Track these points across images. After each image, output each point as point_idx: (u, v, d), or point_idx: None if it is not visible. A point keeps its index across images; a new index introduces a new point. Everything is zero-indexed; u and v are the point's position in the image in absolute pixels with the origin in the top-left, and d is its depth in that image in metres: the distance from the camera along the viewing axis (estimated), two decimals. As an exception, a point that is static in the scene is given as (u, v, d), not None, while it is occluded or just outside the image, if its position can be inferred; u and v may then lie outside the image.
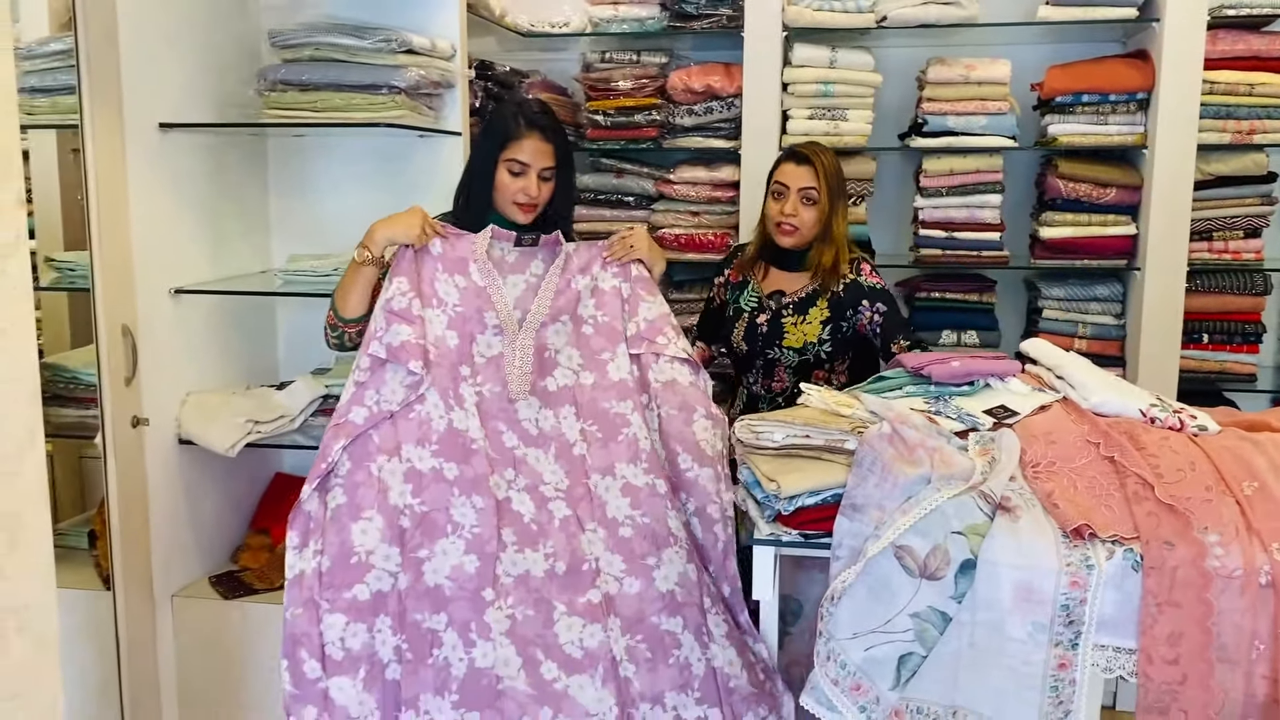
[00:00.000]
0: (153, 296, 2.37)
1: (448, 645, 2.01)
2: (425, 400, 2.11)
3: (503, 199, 2.22)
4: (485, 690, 2.00)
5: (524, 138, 2.19)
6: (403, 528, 2.05)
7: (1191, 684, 1.75)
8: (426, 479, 2.07)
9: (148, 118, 2.33)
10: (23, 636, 1.49)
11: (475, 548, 2.05)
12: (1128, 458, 1.92)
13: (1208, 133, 3.09)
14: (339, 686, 2.00)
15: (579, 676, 2.04)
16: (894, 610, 1.81)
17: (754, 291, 2.74)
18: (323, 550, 2.04)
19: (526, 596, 2.06)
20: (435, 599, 2.02)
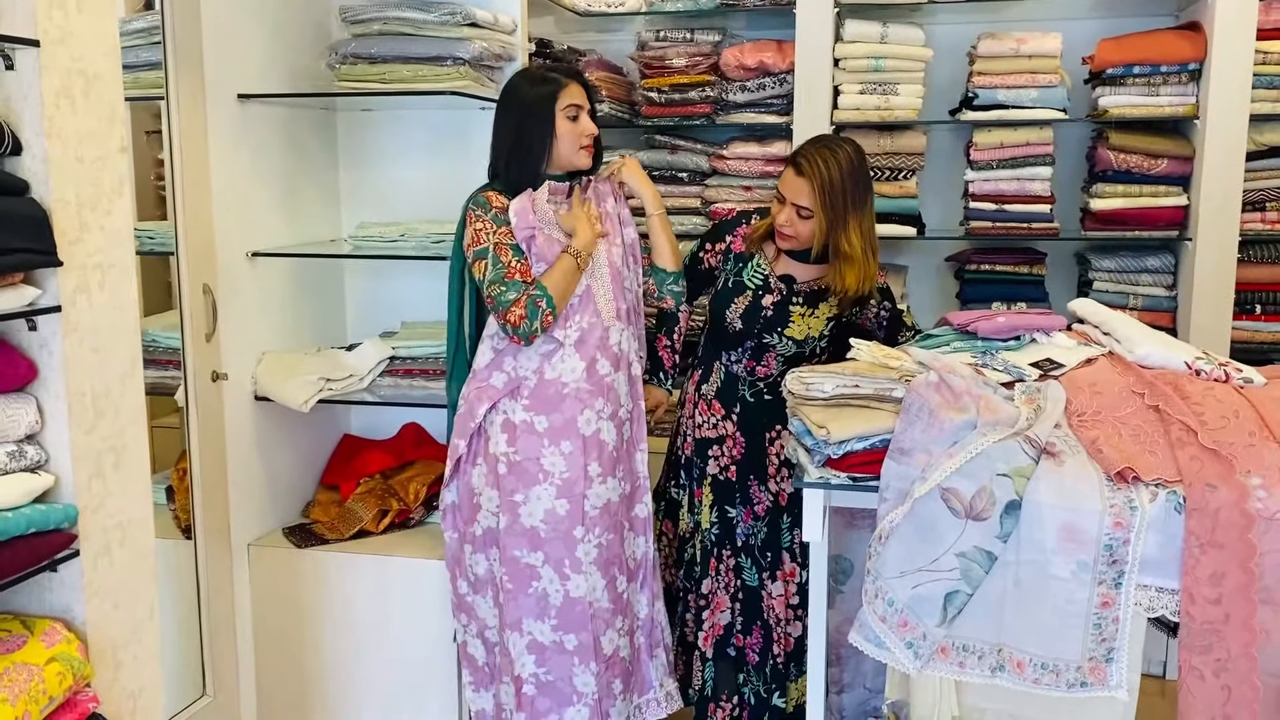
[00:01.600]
0: (231, 259, 2.49)
1: (544, 579, 2.35)
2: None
3: (568, 148, 2.36)
4: (579, 615, 2.35)
5: (568, 84, 2.36)
6: (500, 474, 2.32)
7: (1234, 623, 1.80)
8: (519, 430, 2.33)
9: (227, 89, 2.45)
10: (125, 549, 1.62)
11: (565, 492, 2.34)
12: (1172, 405, 1.96)
13: (1260, 103, 3.10)
14: (479, 604, 2.44)
15: (634, 584, 2.46)
16: (940, 550, 1.87)
17: (760, 269, 2.63)
18: (457, 490, 2.40)
19: (608, 522, 2.38)
20: (532, 539, 2.33)
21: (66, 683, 1.46)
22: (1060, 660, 1.87)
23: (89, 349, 1.53)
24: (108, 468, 1.58)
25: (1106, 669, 1.86)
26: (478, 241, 2.30)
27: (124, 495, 1.61)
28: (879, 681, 2.79)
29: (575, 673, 2.37)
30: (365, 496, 2.74)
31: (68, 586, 1.54)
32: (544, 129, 2.33)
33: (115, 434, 1.59)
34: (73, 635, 1.53)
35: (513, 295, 2.24)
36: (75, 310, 1.50)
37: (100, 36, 1.52)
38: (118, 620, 1.61)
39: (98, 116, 1.53)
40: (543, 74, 2.39)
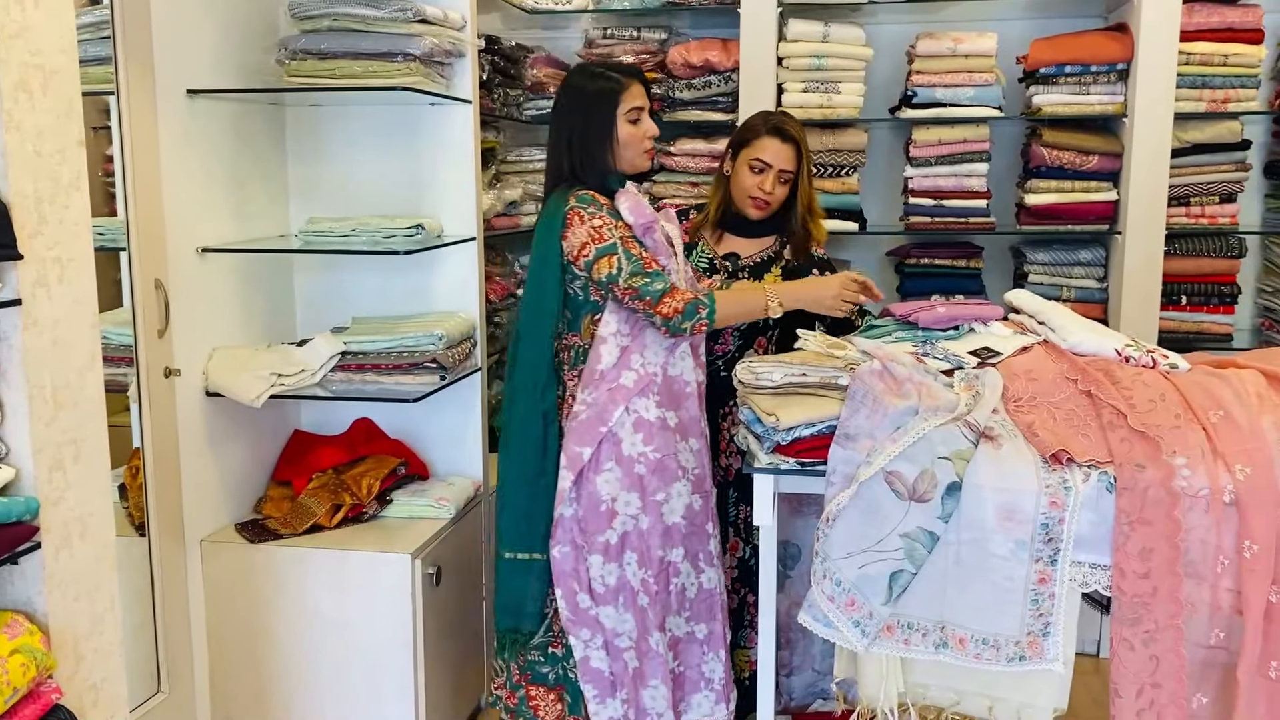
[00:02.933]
0: (181, 255, 2.49)
1: (683, 574, 2.42)
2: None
3: (632, 151, 2.38)
4: (710, 606, 2.45)
5: (630, 85, 2.36)
6: (639, 475, 2.32)
7: (1161, 596, 1.89)
8: (654, 428, 2.34)
9: (177, 84, 2.44)
10: (85, 541, 1.63)
11: (698, 488, 2.42)
12: (1103, 391, 2.05)
13: (1184, 102, 3.23)
14: (605, 614, 2.38)
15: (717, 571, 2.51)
16: (885, 530, 1.95)
17: (704, 253, 2.76)
18: (578, 499, 2.33)
19: (717, 518, 2.50)
20: (673, 536, 2.38)
21: (30, 674, 1.47)
22: (1000, 635, 1.95)
23: (49, 342, 1.54)
24: (68, 460, 1.58)
25: (1044, 643, 1.94)
26: (600, 238, 2.27)
27: (84, 488, 1.62)
28: (827, 663, 2.86)
29: (705, 660, 2.45)
30: (318, 491, 2.75)
31: (28, 579, 1.54)
32: (606, 132, 2.34)
33: (75, 426, 1.60)
34: (34, 627, 1.53)
35: (660, 285, 2.25)
36: (35, 303, 1.51)
37: (58, 31, 1.52)
38: (79, 612, 1.62)
39: (55, 111, 1.54)
40: (602, 73, 2.38)
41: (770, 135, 2.67)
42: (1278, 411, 1.97)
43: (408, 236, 2.65)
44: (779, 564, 2.52)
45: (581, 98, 2.37)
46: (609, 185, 2.38)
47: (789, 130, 2.67)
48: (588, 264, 2.28)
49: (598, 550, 2.35)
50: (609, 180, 2.38)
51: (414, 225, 2.67)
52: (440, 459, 3.02)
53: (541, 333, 2.37)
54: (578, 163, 2.36)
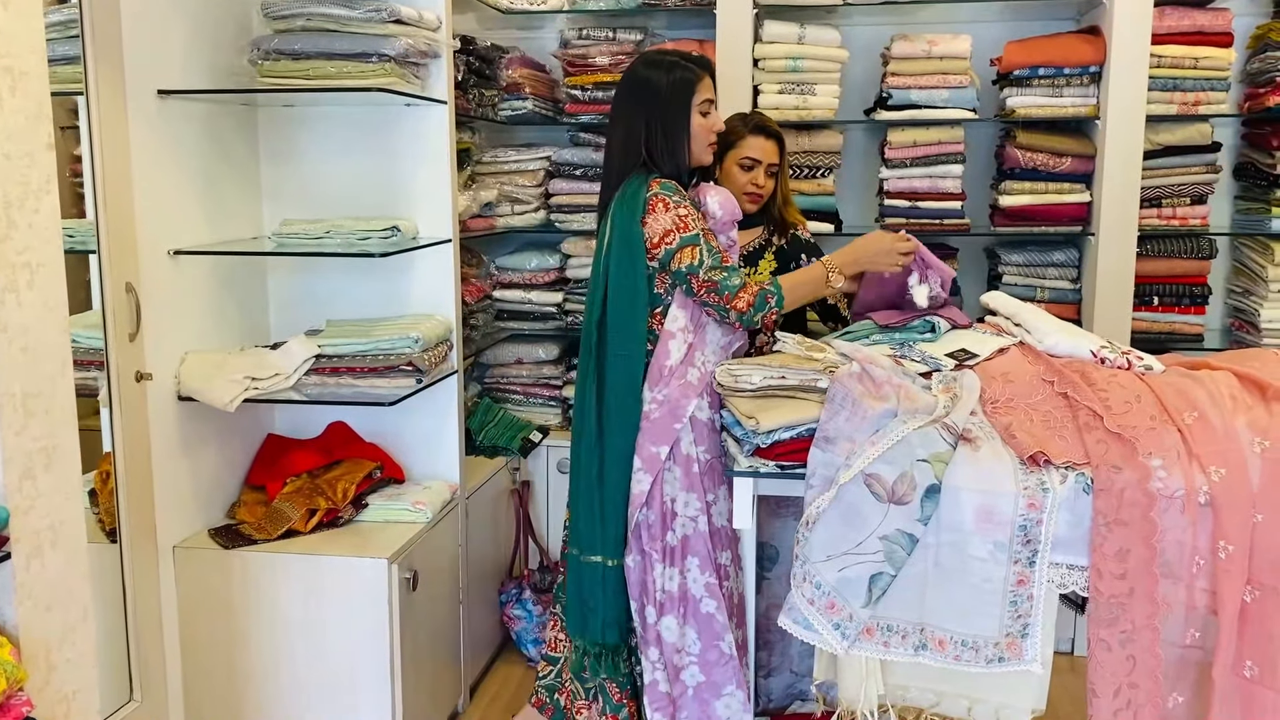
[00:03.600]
0: (153, 257, 2.45)
1: (732, 578, 2.39)
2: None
3: (700, 144, 2.39)
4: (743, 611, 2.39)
5: (703, 77, 2.37)
6: (696, 474, 2.31)
7: (1138, 596, 1.90)
8: (704, 428, 2.33)
9: (147, 85, 2.41)
10: (56, 551, 1.60)
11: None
12: (1079, 392, 2.07)
13: (1156, 104, 3.26)
14: (667, 626, 2.32)
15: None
16: (864, 533, 1.95)
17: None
18: (650, 504, 2.31)
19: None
20: (724, 538, 2.36)
21: (0, 686, 1.44)
22: (979, 637, 1.96)
23: (19, 349, 1.51)
24: (39, 469, 1.56)
25: (1022, 644, 1.95)
26: (685, 228, 2.27)
27: (55, 496, 1.59)
28: (805, 665, 2.87)
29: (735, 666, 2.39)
30: (293, 496, 2.72)
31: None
32: (681, 123, 2.34)
33: (46, 434, 1.57)
34: (4, 639, 1.51)
35: (737, 281, 2.25)
36: (4, 309, 1.48)
37: (27, 33, 1.49)
38: (50, 622, 1.59)
39: (25, 113, 1.51)
40: (677, 62, 2.37)
41: (755, 134, 2.79)
42: (1251, 413, 1.99)
43: (383, 238, 2.63)
44: (756, 565, 2.53)
45: (659, 87, 2.35)
46: (685, 181, 2.40)
47: (770, 127, 2.81)
48: (669, 252, 2.27)
49: (661, 557, 2.33)
50: (686, 174, 2.40)
51: (389, 227, 2.64)
52: (416, 462, 3.00)
53: (636, 318, 2.34)
54: (657, 150, 2.35)
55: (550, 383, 3.69)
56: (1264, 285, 3.34)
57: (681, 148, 2.36)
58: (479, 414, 3.46)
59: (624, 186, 2.36)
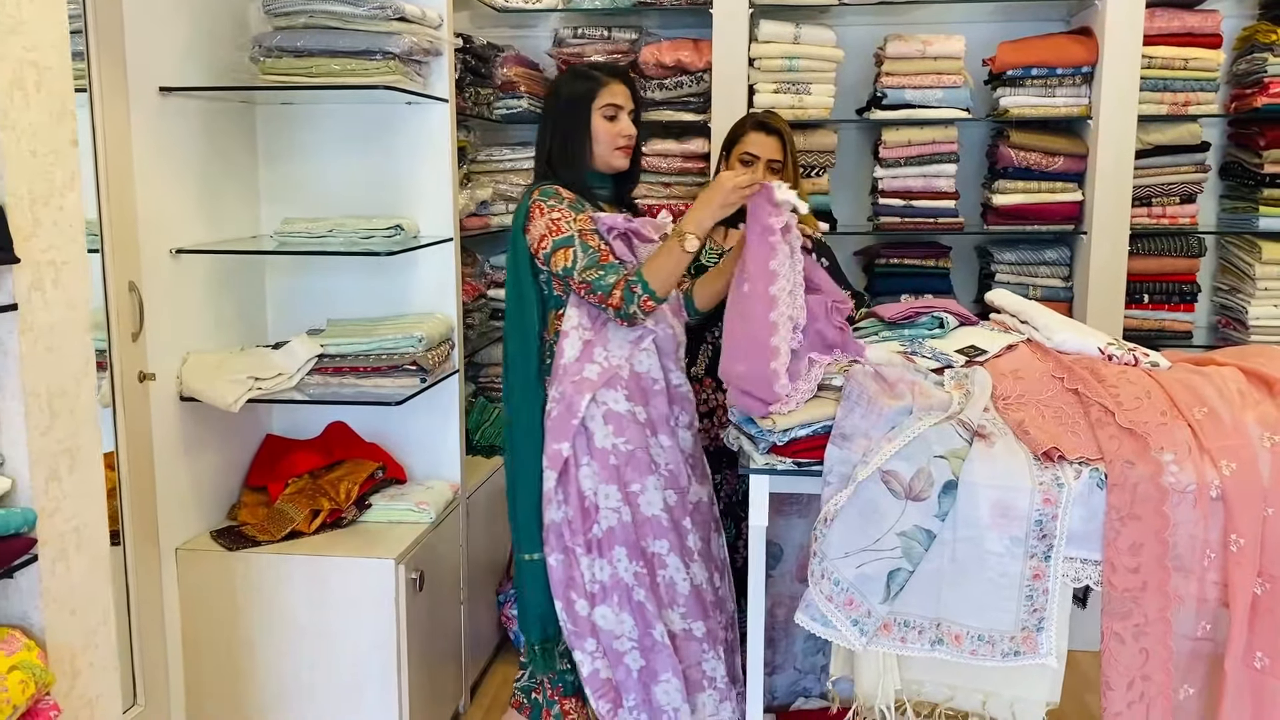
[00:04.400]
0: (155, 257, 2.43)
1: (671, 567, 2.39)
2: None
3: (604, 148, 2.39)
4: (701, 603, 2.42)
5: (609, 84, 2.39)
6: (614, 466, 2.32)
7: (1151, 590, 1.92)
8: (624, 420, 2.34)
9: (149, 82, 2.38)
10: (80, 554, 1.58)
11: (672, 484, 2.41)
12: (1090, 389, 2.09)
13: (1147, 105, 3.30)
14: (601, 615, 2.37)
15: (724, 582, 2.52)
16: (882, 530, 1.96)
17: (713, 250, 2.88)
18: (565, 499, 2.33)
19: (703, 520, 2.46)
20: (655, 528, 2.37)
21: (29, 691, 1.42)
22: (995, 631, 1.98)
23: (44, 348, 1.49)
24: (63, 470, 1.53)
25: (1038, 638, 1.97)
26: (558, 231, 2.28)
27: (79, 498, 1.57)
28: (809, 662, 2.89)
29: (705, 659, 2.43)
30: (295, 497, 2.69)
31: (24, 593, 1.49)
32: (581, 128, 2.36)
33: (70, 435, 1.55)
34: (32, 642, 1.48)
35: (612, 278, 2.24)
36: (30, 308, 1.46)
37: (50, 27, 1.47)
38: (74, 626, 1.57)
39: (49, 110, 1.48)
40: (584, 72, 2.43)
41: (755, 130, 2.81)
42: (1260, 408, 2.02)
43: (387, 237, 2.61)
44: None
45: (561, 95, 2.42)
46: (587, 183, 2.40)
47: (771, 123, 2.81)
48: (546, 256, 2.29)
49: (587, 549, 2.35)
50: (587, 177, 2.40)
51: (393, 226, 2.63)
52: (417, 462, 2.98)
53: (528, 328, 2.40)
54: (556, 158, 2.40)
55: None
56: (1251, 283, 3.39)
57: (581, 153, 2.38)
58: (475, 413, 3.45)
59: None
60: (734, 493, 2.85)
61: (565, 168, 2.39)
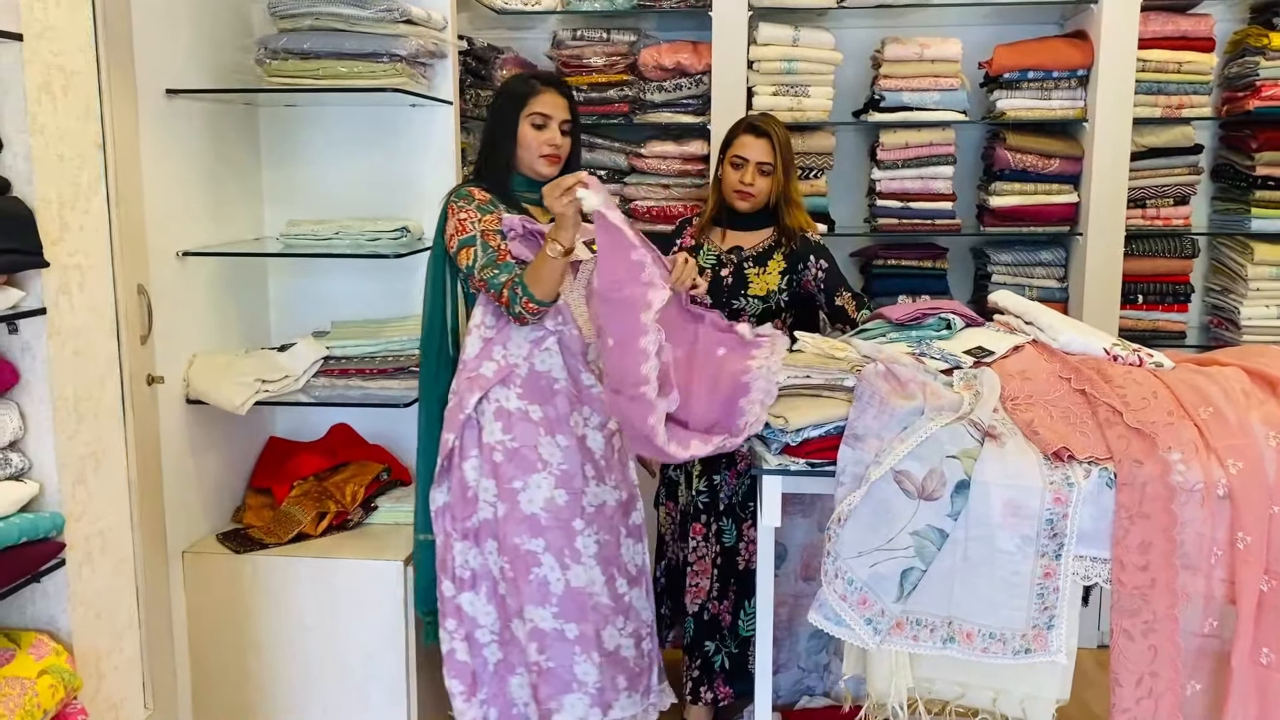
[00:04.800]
0: (162, 259, 2.42)
1: (545, 565, 2.37)
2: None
3: (529, 154, 2.40)
4: (579, 605, 2.38)
5: (542, 93, 2.40)
6: (496, 462, 2.33)
7: (1159, 587, 1.95)
8: (514, 418, 2.35)
9: (156, 84, 2.38)
10: (105, 557, 1.58)
11: (563, 483, 2.39)
12: (1098, 389, 2.11)
13: (1141, 107, 3.34)
14: (466, 601, 2.40)
15: (637, 589, 2.49)
16: (896, 529, 1.98)
17: (711, 251, 2.90)
18: (450, 486, 2.38)
19: (605, 523, 2.43)
20: (532, 525, 2.36)
21: (59, 695, 1.42)
22: (1006, 629, 2.00)
23: (71, 351, 1.49)
24: (89, 473, 1.53)
25: (1049, 635, 1.99)
26: (463, 230, 2.32)
27: (103, 501, 1.57)
28: (812, 661, 2.91)
29: (576, 661, 2.40)
30: (301, 499, 2.69)
31: (51, 597, 1.49)
32: (509, 132, 2.39)
33: (96, 438, 1.55)
34: (60, 646, 1.48)
35: (504, 277, 2.27)
36: (58, 312, 1.46)
37: (77, 31, 1.47)
38: (100, 630, 1.57)
39: (75, 113, 1.48)
40: (523, 78, 2.46)
41: (745, 132, 2.84)
42: (1264, 408, 2.05)
43: (393, 239, 2.62)
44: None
45: (496, 100, 2.46)
46: (514, 186, 2.43)
47: (761, 126, 2.83)
48: (454, 255, 2.34)
49: (463, 536, 2.39)
50: (516, 181, 2.43)
51: (399, 228, 2.64)
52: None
53: (433, 323, 2.46)
54: (482, 160, 2.45)
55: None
56: (1243, 283, 3.44)
57: (504, 156, 2.41)
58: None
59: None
60: (734, 493, 2.87)
61: (491, 169, 2.43)
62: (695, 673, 2.87)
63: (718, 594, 2.86)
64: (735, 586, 2.86)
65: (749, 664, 2.89)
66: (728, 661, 2.87)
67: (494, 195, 2.40)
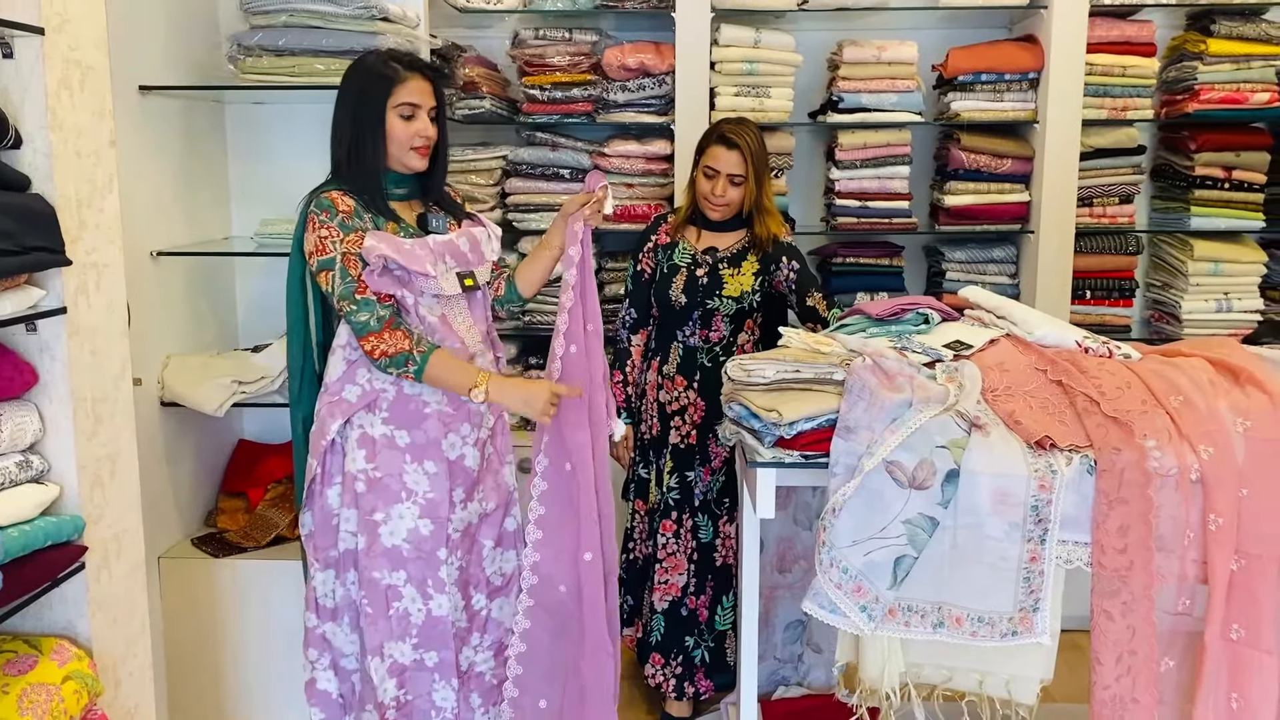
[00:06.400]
0: (137, 259, 2.38)
1: (406, 598, 2.24)
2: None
3: (399, 148, 2.21)
4: (441, 633, 2.27)
5: (408, 80, 2.19)
6: (357, 492, 2.21)
7: (1136, 569, 2.04)
8: (379, 445, 2.21)
9: (129, 81, 2.33)
10: (120, 561, 1.55)
11: (429, 513, 2.24)
12: (1074, 380, 2.20)
13: (1088, 109, 3.46)
14: (331, 632, 2.28)
15: (501, 599, 2.41)
16: (888, 518, 2.04)
17: (686, 250, 2.91)
18: (313, 514, 2.25)
19: (467, 544, 2.34)
20: (393, 558, 2.22)
21: (83, 701, 1.39)
22: (994, 613, 2.07)
23: (89, 352, 1.46)
24: (105, 476, 1.51)
25: (1034, 618, 2.07)
26: (323, 250, 2.13)
27: (119, 504, 1.55)
28: (788, 652, 2.96)
29: (435, 689, 2.30)
30: (277, 502, 2.66)
31: (69, 601, 1.46)
32: (375, 127, 2.18)
33: (111, 440, 1.52)
34: (82, 651, 1.45)
35: (364, 318, 2.12)
36: (77, 311, 1.43)
37: (93, 25, 1.45)
38: (116, 635, 1.54)
39: (91, 109, 1.46)
40: (381, 63, 2.21)
41: (717, 143, 2.83)
42: (1230, 396, 2.15)
43: (370, 238, 2.59)
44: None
45: (355, 85, 2.21)
46: (382, 184, 2.24)
47: (731, 137, 2.81)
48: (313, 273, 2.18)
49: (325, 565, 2.27)
50: (379, 178, 2.23)
51: (375, 227, 2.61)
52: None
53: (294, 339, 2.31)
54: (345, 157, 2.21)
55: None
56: (1183, 279, 3.58)
57: (371, 153, 2.20)
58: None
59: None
60: (709, 489, 2.90)
61: (357, 168, 2.20)
62: (678, 669, 2.90)
63: (695, 589, 2.89)
64: (713, 581, 2.90)
65: (727, 657, 2.94)
66: (708, 655, 2.91)
67: (359, 199, 2.20)
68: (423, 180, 2.32)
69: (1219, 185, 3.53)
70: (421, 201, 2.33)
